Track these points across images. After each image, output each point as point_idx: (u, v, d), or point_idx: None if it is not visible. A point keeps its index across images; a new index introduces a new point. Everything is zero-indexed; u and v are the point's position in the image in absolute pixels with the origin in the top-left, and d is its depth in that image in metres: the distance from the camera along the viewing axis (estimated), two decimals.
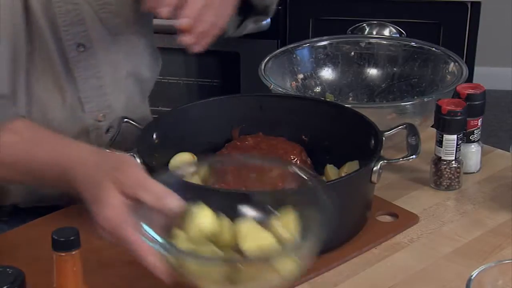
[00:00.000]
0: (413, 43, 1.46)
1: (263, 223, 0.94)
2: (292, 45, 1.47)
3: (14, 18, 1.14)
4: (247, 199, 0.97)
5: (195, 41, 1.08)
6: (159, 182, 0.92)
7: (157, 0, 1.05)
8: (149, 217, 0.89)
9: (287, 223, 0.93)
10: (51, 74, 1.21)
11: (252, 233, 0.92)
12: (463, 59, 1.63)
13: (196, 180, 1.16)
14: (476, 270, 0.93)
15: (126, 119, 1.19)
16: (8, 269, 0.80)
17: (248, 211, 0.96)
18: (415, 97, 1.40)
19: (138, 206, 0.90)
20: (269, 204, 0.95)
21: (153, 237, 0.86)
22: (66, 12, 1.18)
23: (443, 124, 1.21)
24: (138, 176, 0.93)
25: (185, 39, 1.07)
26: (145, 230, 0.87)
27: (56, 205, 1.21)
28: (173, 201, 0.91)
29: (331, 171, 1.17)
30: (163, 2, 1.04)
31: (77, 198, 0.97)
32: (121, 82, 1.30)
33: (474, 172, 1.29)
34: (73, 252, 0.82)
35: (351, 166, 1.15)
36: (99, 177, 0.94)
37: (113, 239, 0.91)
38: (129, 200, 0.91)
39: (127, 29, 1.27)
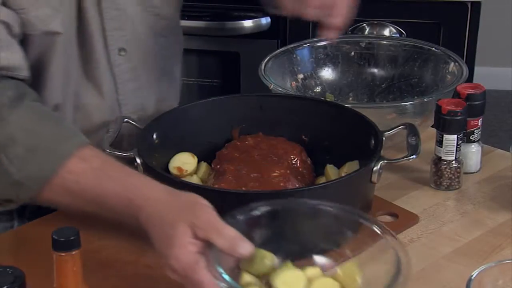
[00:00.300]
0: (413, 43, 1.46)
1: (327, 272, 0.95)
2: (292, 45, 1.47)
3: (69, 26, 1.17)
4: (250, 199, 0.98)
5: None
6: (230, 226, 0.91)
7: (300, 3, 1.08)
8: (219, 259, 0.89)
9: (350, 276, 0.94)
10: (96, 79, 1.23)
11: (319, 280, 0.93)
12: (463, 59, 1.63)
13: (196, 180, 1.17)
14: (477, 270, 0.93)
15: (126, 119, 1.19)
16: (8, 269, 0.80)
17: (316, 259, 0.97)
18: (415, 97, 1.40)
19: (208, 249, 0.90)
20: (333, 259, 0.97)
21: (224, 279, 0.86)
22: (113, 17, 1.21)
23: (443, 124, 1.21)
24: (211, 218, 0.91)
25: (332, 35, 1.22)
26: (218, 272, 0.87)
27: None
28: (245, 247, 0.90)
29: (331, 171, 1.17)
30: (308, 3, 1.09)
31: (142, 234, 0.95)
32: (156, 83, 1.32)
33: (474, 172, 1.29)
34: (73, 252, 0.82)
35: (351, 166, 1.15)
36: (171, 217, 0.92)
37: (183, 279, 0.90)
38: (200, 242, 0.90)
39: (168, 30, 1.30)
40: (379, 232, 0.95)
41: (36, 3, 1.11)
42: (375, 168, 1.07)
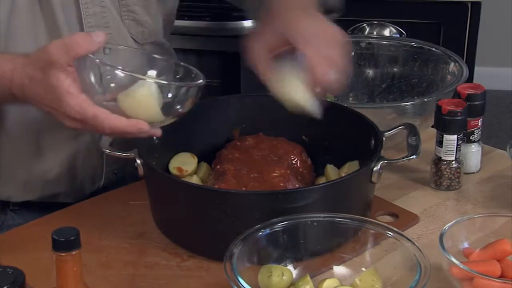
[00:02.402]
0: (413, 43, 1.46)
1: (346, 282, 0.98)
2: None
3: (34, 19, 1.15)
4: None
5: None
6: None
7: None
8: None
9: (369, 284, 0.95)
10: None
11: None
12: (463, 59, 1.63)
13: (196, 180, 1.17)
14: (448, 224, 1.00)
15: None
16: (8, 269, 0.80)
17: (335, 270, 1.00)
18: (415, 97, 1.40)
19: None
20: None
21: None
22: (93, 14, 1.19)
23: (443, 124, 1.21)
24: (62, 46, 0.97)
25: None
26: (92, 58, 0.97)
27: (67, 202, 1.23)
28: (96, 34, 0.99)
29: (331, 171, 1.17)
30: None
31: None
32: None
33: (474, 172, 1.29)
34: (73, 252, 0.82)
35: (351, 166, 1.15)
36: (41, 74, 0.98)
37: (81, 123, 0.98)
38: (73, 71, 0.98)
39: (150, 37, 1.28)
40: (397, 239, 0.98)
41: None
42: (375, 168, 1.07)
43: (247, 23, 2.17)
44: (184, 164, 1.17)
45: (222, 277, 0.93)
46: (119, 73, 0.98)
